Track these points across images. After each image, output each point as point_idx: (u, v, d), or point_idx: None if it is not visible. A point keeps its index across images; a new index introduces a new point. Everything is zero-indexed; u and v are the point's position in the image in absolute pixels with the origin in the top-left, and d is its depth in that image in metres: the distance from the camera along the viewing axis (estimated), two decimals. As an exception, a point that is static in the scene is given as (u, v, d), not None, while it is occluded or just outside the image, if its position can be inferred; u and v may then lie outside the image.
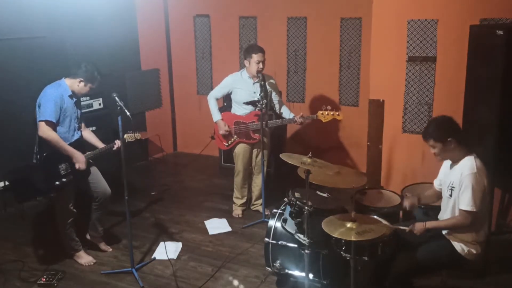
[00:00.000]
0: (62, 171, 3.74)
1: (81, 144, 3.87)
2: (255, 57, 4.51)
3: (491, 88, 3.49)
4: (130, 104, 6.13)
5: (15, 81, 4.93)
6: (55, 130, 3.66)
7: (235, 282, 3.77)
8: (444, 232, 3.10)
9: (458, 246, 3.03)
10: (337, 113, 4.51)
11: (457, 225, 3.01)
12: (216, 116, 4.73)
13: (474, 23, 4.02)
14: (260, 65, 4.52)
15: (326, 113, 4.51)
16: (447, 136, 3.00)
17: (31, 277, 3.84)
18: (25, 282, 3.79)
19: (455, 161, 3.08)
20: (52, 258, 4.09)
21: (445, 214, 3.16)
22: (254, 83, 4.63)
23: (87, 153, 3.87)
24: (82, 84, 3.75)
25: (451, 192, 3.05)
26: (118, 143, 3.86)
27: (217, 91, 4.78)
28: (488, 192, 3.07)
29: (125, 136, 3.86)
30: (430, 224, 3.05)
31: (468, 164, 2.97)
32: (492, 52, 3.44)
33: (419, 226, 3.02)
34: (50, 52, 5.17)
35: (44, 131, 3.61)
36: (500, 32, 3.34)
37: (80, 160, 3.77)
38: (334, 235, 2.81)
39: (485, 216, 3.09)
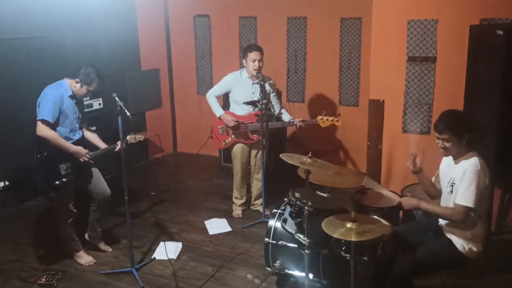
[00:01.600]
0: (63, 171, 3.74)
1: (82, 144, 3.86)
2: (251, 55, 4.50)
3: (491, 88, 3.49)
4: (130, 104, 6.11)
5: (15, 81, 4.93)
6: (53, 129, 3.66)
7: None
8: (443, 229, 3.10)
9: (459, 243, 3.02)
10: (336, 119, 4.52)
11: (450, 216, 3.00)
12: (219, 111, 4.71)
13: (474, 23, 4.02)
14: (256, 64, 4.50)
15: (326, 118, 4.53)
16: (466, 132, 2.98)
17: (31, 277, 3.85)
18: (25, 282, 3.79)
19: (457, 158, 3.06)
20: (52, 258, 4.09)
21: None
22: (253, 84, 4.63)
23: (90, 153, 3.86)
24: (78, 85, 3.75)
25: (452, 188, 3.04)
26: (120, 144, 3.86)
27: (216, 90, 4.77)
28: (488, 191, 3.06)
29: (128, 137, 3.86)
30: (424, 204, 3.03)
31: (472, 161, 2.96)
32: (492, 52, 3.45)
33: (410, 201, 3.05)
34: (50, 52, 5.17)
35: (41, 130, 3.61)
36: (500, 32, 3.34)
37: (81, 153, 3.77)
38: (334, 236, 2.81)
39: (484, 215, 3.08)
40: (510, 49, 3.32)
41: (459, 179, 2.97)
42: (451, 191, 3.05)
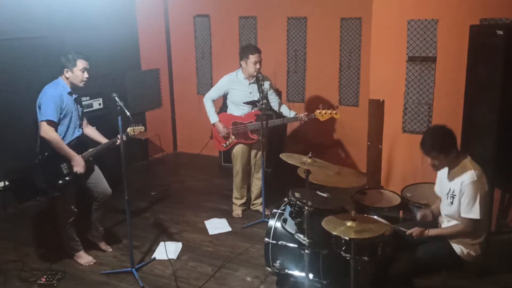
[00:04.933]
0: (65, 170, 3.74)
1: (82, 142, 3.86)
2: (252, 57, 4.50)
3: (491, 88, 3.49)
4: (130, 104, 6.13)
5: (15, 81, 4.93)
6: (56, 129, 3.66)
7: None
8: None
9: (458, 248, 3.03)
10: (334, 112, 4.51)
11: (461, 233, 3.01)
12: (213, 118, 4.72)
13: (474, 23, 4.02)
14: (257, 66, 4.51)
15: (324, 111, 4.51)
16: (451, 147, 2.99)
17: (31, 277, 3.84)
18: (25, 282, 3.79)
19: (451, 168, 3.07)
20: (52, 258, 4.09)
21: (445, 220, 3.16)
22: (250, 84, 4.63)
23: (90, 149, 3.85)
24: (69, 73, 3.72)
25: (452, 199, 3.04)
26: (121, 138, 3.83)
27: (214, 93, 4.76)
28: (488, 192, 3.06)
29: (128, 130, 3.85)
30: (433, 231, 3.04)
31: (467, 171, 2.96)
32: (492, 52, 3.45)
33: (419, 232, 3.03)
34: (50, 52, 5.16)
35: (46, 131, 3.61)
36: (500, 32, 3.34)
37: (78, 164, 3.76)
38: (333, 233, 2.81)
39: (485, 218, 3.08)
40: (510, 49, 3.32)
41: (458, 190, 2.98)
42: (452, 203, 3.05)
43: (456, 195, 3.00)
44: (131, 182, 4.35)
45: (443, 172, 3.20)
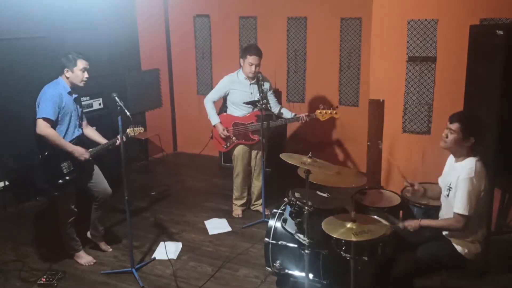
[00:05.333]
0: (65, 169, 3.74)
1: (82, 142, 3.86)
2: (249, 58, 4.49)
3: (491, 88, 3.49)
4: (130, 104, 6.14)
5: (15, 81, 4.93)
6: (55, 129, 3.66)
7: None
8: (444, 232, 3.11)
9: (458, 246, 3.03)
10: (334, 112, 4.52)
11: (450, 227, 3.03)
12: (214, 119, 4.71)
13: (474, 23, 4.02)
14: (253, 68, 4.49)
15: (324, 111, 4.52)
16: (473, 134, 2.97)
17: (31, 277, 3.85)
18: (25, 282, 3.79)
19: (457, 159, 3.08)
20: (52, 258, 4.09)
21: (443, 213, 3.18)
22: (250, 84, 4.63)
23: (89, 150, 3.85)
24: (70, 73, 3.73)
25: (449, 192, 3.06)
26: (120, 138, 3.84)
27: (214, 94, 4.74)
28: (488, 192, 3.06)
29: (128, 130, 3.86)
30: (424, 222, 3.06)
31: (467, 167, 2.97)
32: (492, 52, 3.44)
33: (413, 223, 3.05)
34: (50, 52, 5.16)
35: (42, 128, 3.60)
36: (500, 32, 3.34)
37: (81, 152, 3.76)
38: (334, 236, 2.81)
39: (484, 217, 3.09)
40: (510, 49, 3.31)
41: (454, 184, 3.00)
42: (448, 195, 3.07)
43: (452, 188, 3.02)
44: (131, 182, 4.34)
45: (448, 165, 3.22)
